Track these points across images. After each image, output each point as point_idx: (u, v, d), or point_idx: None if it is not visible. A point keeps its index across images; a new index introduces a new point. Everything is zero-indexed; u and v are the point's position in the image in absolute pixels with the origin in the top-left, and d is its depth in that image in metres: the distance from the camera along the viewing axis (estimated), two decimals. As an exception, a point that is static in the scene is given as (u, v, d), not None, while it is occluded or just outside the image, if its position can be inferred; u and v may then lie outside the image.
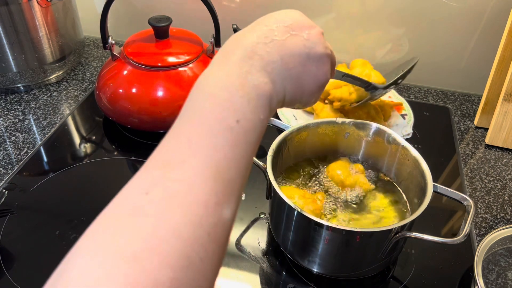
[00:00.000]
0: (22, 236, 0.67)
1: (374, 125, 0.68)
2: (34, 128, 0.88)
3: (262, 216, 0.71)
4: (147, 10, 1.09)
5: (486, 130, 0.92)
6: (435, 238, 0.54)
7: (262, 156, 0.64)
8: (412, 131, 0.87)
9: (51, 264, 0.28)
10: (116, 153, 0.83)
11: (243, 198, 0.73)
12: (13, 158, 0.80)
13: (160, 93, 0.79)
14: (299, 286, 0.62)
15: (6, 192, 0.73)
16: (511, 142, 0.87)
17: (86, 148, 0.84)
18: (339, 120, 0.69)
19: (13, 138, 0.85)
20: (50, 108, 0.93)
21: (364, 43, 1.04)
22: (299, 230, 0.58)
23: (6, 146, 0.83)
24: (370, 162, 0.71)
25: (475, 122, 0.94)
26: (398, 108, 0.92)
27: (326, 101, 0.86)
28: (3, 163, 0.79)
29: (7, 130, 0.87)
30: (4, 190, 0.73)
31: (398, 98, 0.95)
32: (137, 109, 0.80)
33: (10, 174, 0.77)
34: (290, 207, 0.55)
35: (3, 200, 0.72)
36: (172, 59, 0.81)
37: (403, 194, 0.67)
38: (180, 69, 0.81)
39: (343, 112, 0.85)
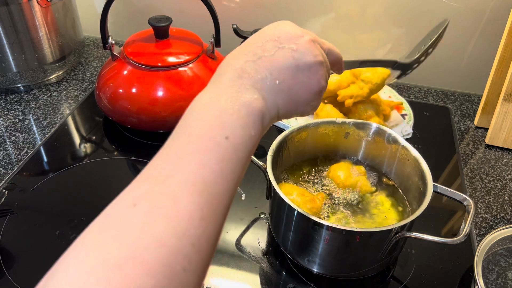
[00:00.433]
0: (22, 236, 0.67)
1: (374, 125, 0.68)
2: (34, 128, 0.88)
3: (262, 216, 0.71)
4: (147, 10, 1.09)
5: (486, 130, 0.92)
6: (435, 238, 0.54)
7: (262, 156, 0.64)
8: (412, 131, 0.87)
9: (51, 264, 0.28)
10: (116, 153, 0.83)
11: (243, 198, 0.73)
12: (13, 158, 0.80)
13: (160, 93, 0.79)
14: (299, 286, 0.62)
15: (6, 192, 0.73)
16: (511, 142, 0.87)
17: (86, 148, 0.84)
18: (339, 120, 0.69)
19: (13, 138, 0.85)
20: (50, 108, 0.93)
21: (364, 43, 1.04)
22: (299, 230, 0.58)
23: (6, 146, 0.83)
24: (370, 162, 0.71)
25: (475, 122, 0.94)
26: (398, 108, 0.92)
27: (325, 101, 0.86)
28: (3, 163, 0.79)
29: (7, 130, 0.87)
30: (4, 190, 0.73)
31: (398, 98, 0.95)
32: (137, 109, 0.80)
33: (10, 174, 0.77)
34: (290, 207, 0.55)
35: (3, 200, 0.72)
36: (172, 59, 0.81)
37: (403, 194, 0.67)
38: (180, 69, 0.81)
39: (343, 112, 0.85)
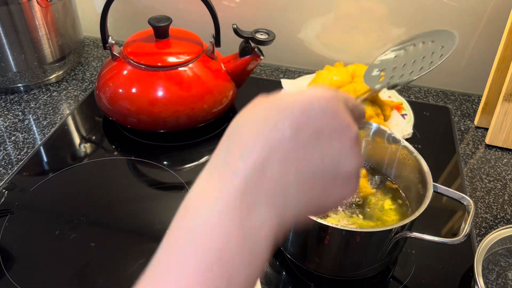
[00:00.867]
0: (22, 236, 0.67)
1: (374, 125, 0.68)
2: (34, 128, 0.88)
3: (262, 216, 0.71)
4: (147, 10, 1.09)
5: (486, 130, 0.92)
6: (435, 238, 0.54)
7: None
8: (412, 131, 0.87)
9: (51, 264, 0.28)
10: (116, 153, 0.83)
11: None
12: (13, 158, 0.80)
13: (160, 93, 0.79)
14: (299, 286, 0.62)
15: (6, 192, 0.73)
16: (511, 142, 0.87)
17: (86, 148, 0.84)
18: (339, 120, 0.69)
19: (13, 138, 0.85)
20: (50, 108, 0.93)
21: (363, 43, 1.04)
22: (299, 230, 0.58)
23: (6, 146, 0.83)
24: (370, 163, 0.71)
25: (475, 122, 0.94)
26: (398, 108, 0.92)
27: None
28: (3, 163, 0.79)
29: (7, 130, 0.87)
30: (4, 190, 0.73)
31: (398, 98, 0.95)
32: (136, 109, 0.80)
33: (10, 174, 0.77)
34: (290, 207, 0.55)
35: (3, 200, 0.72)
36: (172, 59, 0.81)
37: (403, 194, 0.67)
38: (180, 69, 0.81)
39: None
